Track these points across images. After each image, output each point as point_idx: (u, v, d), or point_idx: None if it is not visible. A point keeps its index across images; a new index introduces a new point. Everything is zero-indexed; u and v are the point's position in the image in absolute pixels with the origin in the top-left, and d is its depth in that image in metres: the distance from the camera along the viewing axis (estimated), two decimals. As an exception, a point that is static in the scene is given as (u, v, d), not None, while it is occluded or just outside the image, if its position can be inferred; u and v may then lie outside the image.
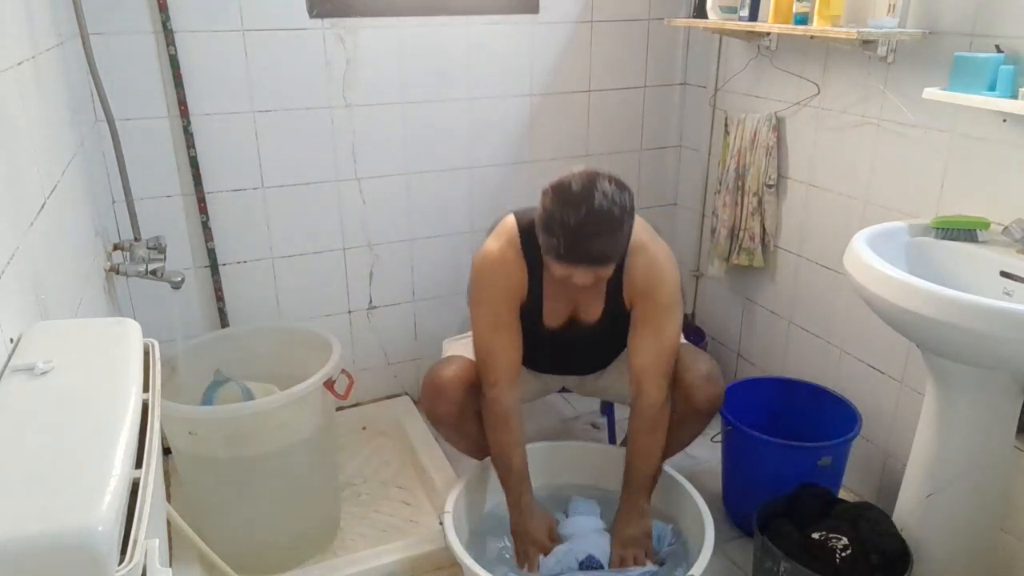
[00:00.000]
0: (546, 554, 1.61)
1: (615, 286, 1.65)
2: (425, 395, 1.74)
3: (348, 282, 2.27)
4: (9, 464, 0.66)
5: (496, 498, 1.75)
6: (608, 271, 1.52)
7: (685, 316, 2.63)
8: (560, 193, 1.44)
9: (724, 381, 1.75)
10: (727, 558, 1.82)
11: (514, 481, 1.65)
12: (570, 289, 1.59)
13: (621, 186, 1.46)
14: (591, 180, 1.44)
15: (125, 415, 0.74)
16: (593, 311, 1.70)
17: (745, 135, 2.14)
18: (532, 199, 1.56)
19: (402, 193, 2.24)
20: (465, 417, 1.71)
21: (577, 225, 1.41)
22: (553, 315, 1.71)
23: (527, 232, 1.60)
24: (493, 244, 1.65)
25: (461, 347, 1.83)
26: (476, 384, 1.70)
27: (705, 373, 1.68)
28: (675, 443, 1.82)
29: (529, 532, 1.64)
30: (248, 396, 1.77)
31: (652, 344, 1.64)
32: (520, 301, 1.67)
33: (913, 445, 1.56)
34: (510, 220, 1.67)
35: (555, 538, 1.66)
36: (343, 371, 1.77)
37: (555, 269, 1.51)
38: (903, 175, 1.76)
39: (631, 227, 1.49)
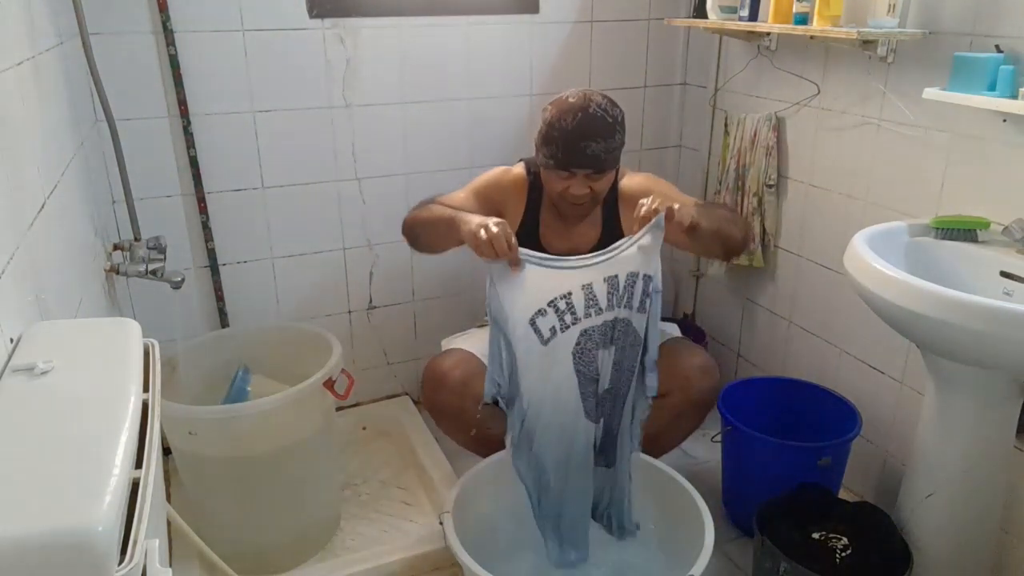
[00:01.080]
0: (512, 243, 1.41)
1: (611, 211, 1.75)
2: (426, 385, 1.76)
3: (348, 282, 2.27)
4: (9, 464, 0.66)
5: (496, 498, 1.76)
6: (601, 184, 1.65)
7: (685, 315, 2.63)
8: (557, 104, 1.63)
9: (721, 377, 1.76)
10: (727, 558, 1.82)
11: (449, 213, 1.57)
12: (566, 217, 1.70)
13: (613, 103, 1.64)
14: (586, 94, 1.62)
15: (125, 415, 0.74)
16: (590, 236, 1.77)
17: (745, 135, 2.14)
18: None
19: (402, 193, 2.24)
20: (466, 407, 1.71)
21: (573, 128, 1.57)
22: (551, 241, 1.78)
23: (532, 166, 1.78)
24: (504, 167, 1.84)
25: (460, 342, 1.85)
26: (476, 373, 1.71)
27: (701, 365, 1.71)
28: (673, 437, 1.83)
29: (481, 219, 1.45)
30: (243, 388, 1.78)
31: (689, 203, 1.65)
32: (502, 213, 1.75)
33: (913, 445, 1.56)
34: (519, 162, 1.84)
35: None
36: (343, 371, 1.77)
37: (553, 183, 1.65)
38: (903, 175, 1.76)
39: (623, 140, 1.64)
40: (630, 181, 1.79)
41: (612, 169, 1.67)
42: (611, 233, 1.73)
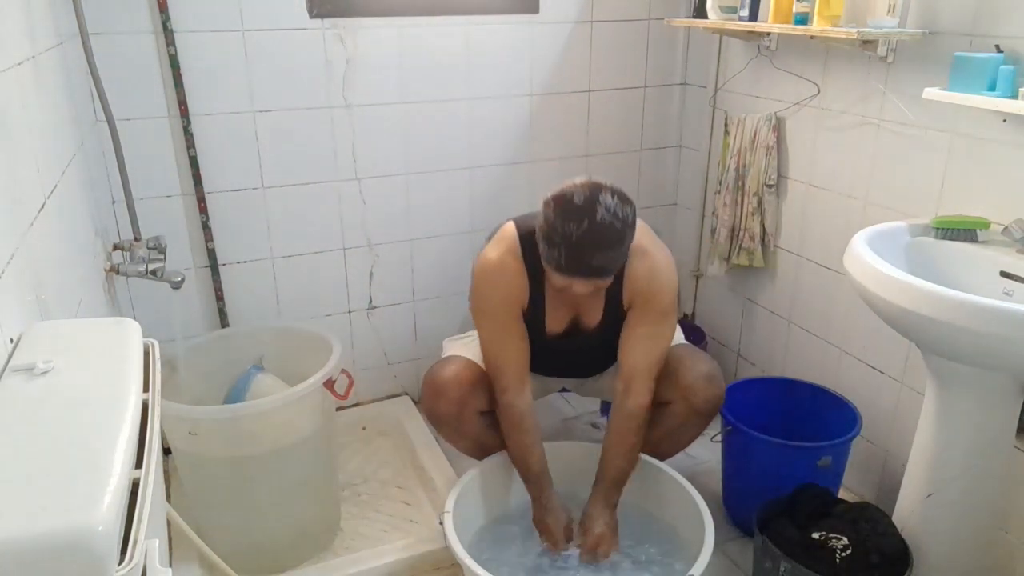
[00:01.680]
0: (558, 552, 1.66)
1: (615, 291, 1.66)
2: (425, 395, 1.74)
3: (348, 282, 2.27)
4: (9, 464, 0.66)
5: (497, 498, 1.76)
6: (608, 282, 1.54)
7: (685, 315, 2.63)
8: (562, 205, 1.44)
9: (724, 381, 1.76)
10: (727, 558, 1.82)
11: (533, 480, 1.68)
12: (570, 296, 1.60)
13: (623, 199, 1.46)
14: (593, 193, 1.43)
15: (125, 415, 0.74)
16: (593, 316, 1.71)
17: (745, 135, 2.14)
18: (532, 199, 1.55)
19: (402, 193, 2.24)
20: (465, 416, 1.71)
21: (579, 238, 1.41)
22: (555, 321, 1.72)
23: (527, 239, 1.59)
24: (493, 252, 1.65)
25: (461, 347, 1.84)
26: (476, 383, 1.71)
27: (706, 374, 1.69)
28: (675, 444, 1.83)
29: (548, 527, 1.66)
30: (244, 387, 1.78)
31: (646, 346, 1.66)
32: (522, 307, 1.68)
33: (913, 445, 1.56)
34: (510, 227, 1.66)
35: (571, 537, 1.68)
36: (343, 371, 1.77)
37: (555, 279, 1.53)
38: (903, 175, 1.76)
39: (632, 240, 1.50)
40: (638, 266, 1.62)
41: (619, 270, 1.55)
42: (613, 312, 1.69)
